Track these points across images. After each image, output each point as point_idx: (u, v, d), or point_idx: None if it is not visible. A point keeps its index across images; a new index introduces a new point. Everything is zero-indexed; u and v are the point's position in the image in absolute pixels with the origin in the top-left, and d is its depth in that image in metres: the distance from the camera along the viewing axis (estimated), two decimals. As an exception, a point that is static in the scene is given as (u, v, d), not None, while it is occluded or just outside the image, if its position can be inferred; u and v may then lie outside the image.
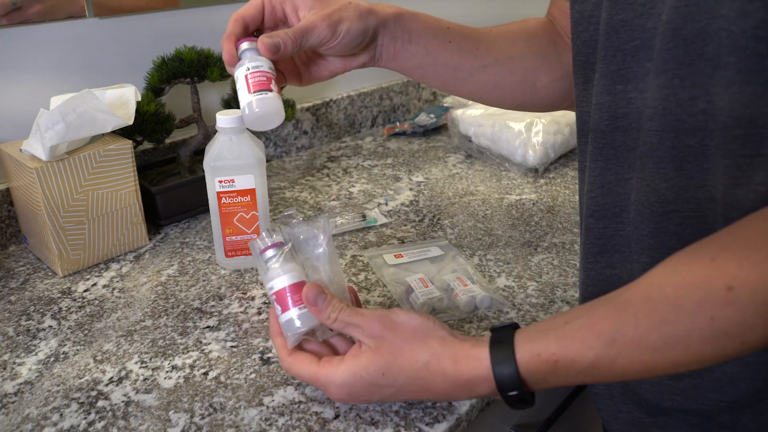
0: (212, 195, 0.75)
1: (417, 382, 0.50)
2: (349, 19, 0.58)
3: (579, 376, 0.46)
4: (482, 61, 0.67)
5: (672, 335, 0.41)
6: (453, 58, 0.66)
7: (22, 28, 0.83)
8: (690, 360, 0.42)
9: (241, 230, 0.77)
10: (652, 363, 0.43)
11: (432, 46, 0.64)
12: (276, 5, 0.59)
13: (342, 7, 0.58)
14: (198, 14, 1.00)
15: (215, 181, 0.74)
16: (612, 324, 0.44)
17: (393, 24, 0.62)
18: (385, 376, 0.51)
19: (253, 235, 0.77)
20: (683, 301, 0.41)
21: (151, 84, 0.89)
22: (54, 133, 0.72)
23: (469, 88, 0.69)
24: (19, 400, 0.58)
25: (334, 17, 0.57)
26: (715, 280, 0.40)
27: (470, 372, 0.49)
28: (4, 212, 0.84)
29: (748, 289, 0.39)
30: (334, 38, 0.58)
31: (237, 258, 0.78)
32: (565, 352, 0.45)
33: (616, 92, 0.51)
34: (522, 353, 0.47)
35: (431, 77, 0.67)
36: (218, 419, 0.55)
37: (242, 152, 0.73)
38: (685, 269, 0.42)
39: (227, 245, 0.77)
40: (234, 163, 0.73)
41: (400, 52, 0.64)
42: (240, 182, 0.74)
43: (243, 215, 0.76)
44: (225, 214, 0.76)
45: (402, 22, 0.63)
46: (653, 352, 0.42)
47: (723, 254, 0.41)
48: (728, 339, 0.40)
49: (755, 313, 0.39)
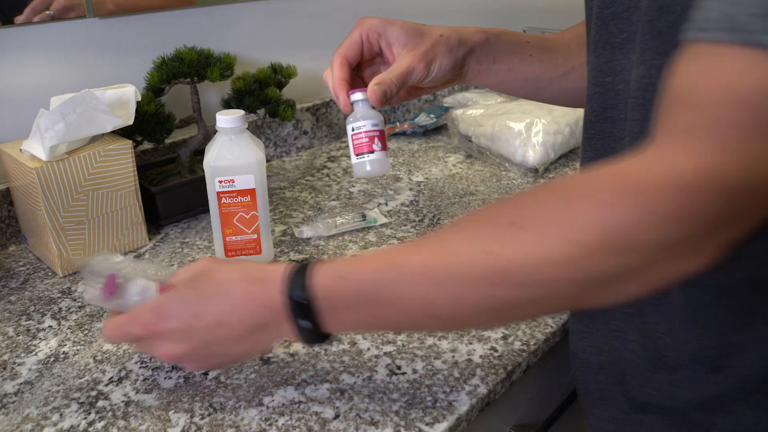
0: (212, 195, 0.75)
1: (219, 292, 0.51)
2: (442, 55, 0.62)
3: (367, 305, 0.45)
4: (561, 70, 0.69)
5: (454, 266, 0.42)
6: (534, 71, 0.68)
7: (22, 28, 0.83)
8: (468, 296, 0.42)
9: (241, 230, 0.77)
10: (432, 295, 0.43)
11: (514, 63, 0.67)
12: (372, 41, 0.62)
13: (434, 44, 0.61)
14: (198, 14, 1.00)
15: (215, 181, 0.74)
16: (402, 251, 0.45)
17: (480, 50, 0.65)
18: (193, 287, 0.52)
19: (254, 235, 0.77)
20: (468, 233, 0.43)
21: (151, 84, 0.89)
22: (54, 133, 0.72)
23: (551, 96, 0.72)
24: (19, 400, 0.58)
25: (428, 57, 0.61)
26: (501, 217, 0.42)
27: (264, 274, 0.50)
28: (4, 212, 0.84)
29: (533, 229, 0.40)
30: (428, 75, 0.61)
31: (237, 258, 0.78)
32: (352, 269, 0.46)
33: (605, 84, 0.52)
34: (314, 268, 0.48)
35: (512, 89, 0.70)
36: (218, 419, 0.55)
37: (242, 152, 0.73)
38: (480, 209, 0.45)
39: (227, 245, 0.77)
40: (234, 163, 0.73)
41: (484, 72, 0.67)
42: (240, 182, 0.74)
43: (243, 215, 0.76)
44: (225, 214, 0.76)
45: (488, 46, 0.65)
46: (435, 284, 0.43)
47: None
48: (507, 279, 0.41)
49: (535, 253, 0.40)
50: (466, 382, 0.60)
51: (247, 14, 1.06)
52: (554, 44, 0.70)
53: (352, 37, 0.62)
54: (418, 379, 0.60)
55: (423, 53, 0.60)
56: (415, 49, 0.61)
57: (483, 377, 0.60)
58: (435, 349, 0.64)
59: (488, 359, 0.62)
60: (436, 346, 0.64)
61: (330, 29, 1.19)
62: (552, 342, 0.67)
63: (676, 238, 0.38)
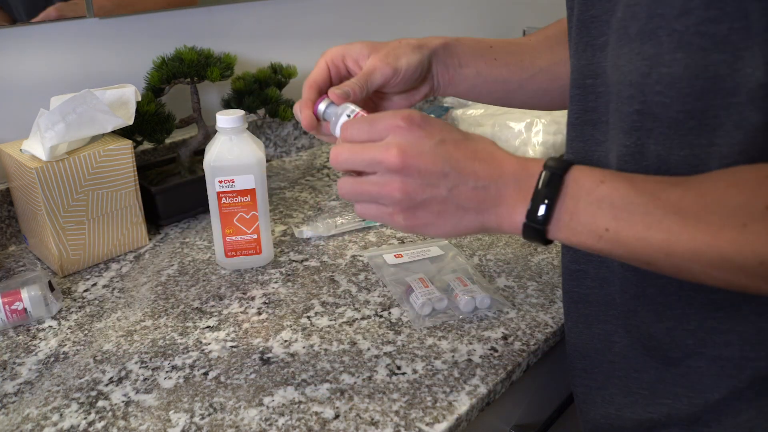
0: (212, 195, 0.75)
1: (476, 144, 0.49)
2: (405, 54, 0.61)
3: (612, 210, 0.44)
4: (529, 72, 0.69)
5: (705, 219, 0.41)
6: (501, 74, 0.68)
7: (22, 28, 0.83)
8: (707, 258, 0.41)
9: (241, 230, 0.77)
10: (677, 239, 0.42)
11: (481, 67, 0.67)
12: (338, 63, 0.63)
13: (395, 46, 0.62)
14: (198, 14, 1.00)
15: (215, 181, 0.74)
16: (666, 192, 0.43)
17: (442, 52, 0.65)
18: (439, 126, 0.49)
19: (254, 235, 0.77)
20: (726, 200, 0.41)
21: (151, 84, 0.89)
22: (54, 133, 0.72)
23: (521, 99, 0.72)
24: (19, 400, 0.58)
25: (390, 56, 0.61)
26: (759, 196, 0.40)
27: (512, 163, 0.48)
28: (4, 212, 0.84)
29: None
30: (396, 75, 0.61)
31: (237, 258, 0.78)
32: (611, 179, 0.45)
33: (586, 86, 0.53)
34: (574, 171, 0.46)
35: (485, 95, 0.70)
36: (218, 419, 0.55)
37: (242, 152, 0.73)
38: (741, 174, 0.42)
39: (227, 245, 0.77)
40: (234, 163, 0.73)
41: (454, 77, 0.66)
42: (240, 182, 0.74)
43: (243, 215, 0.76)
44: (225, 214, 0.76)
45: (449, 49, 0.66)
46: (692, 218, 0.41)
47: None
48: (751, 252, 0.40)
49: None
50: (466, 382, 0.60)
51: (247, 14, 1.06)
52: (518, 47, 0.71)
53: (318, 65, 0.63)
54: (418, 379, 0.60)
55: (384, 54, 0.61)
56: (378, 54, 0.61)
57: (483, 377, 0.60)
58: (435, 349, 0.64)
59: (488, 359, 0.62)
60: (436, 346, 0.64)
61: (330, 29, 1.19)
62: (552, 342, 0.67)
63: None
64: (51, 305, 0.70)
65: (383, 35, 1.29)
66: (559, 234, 0.46)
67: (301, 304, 0.72)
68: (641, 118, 0.47)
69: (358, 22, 1.23)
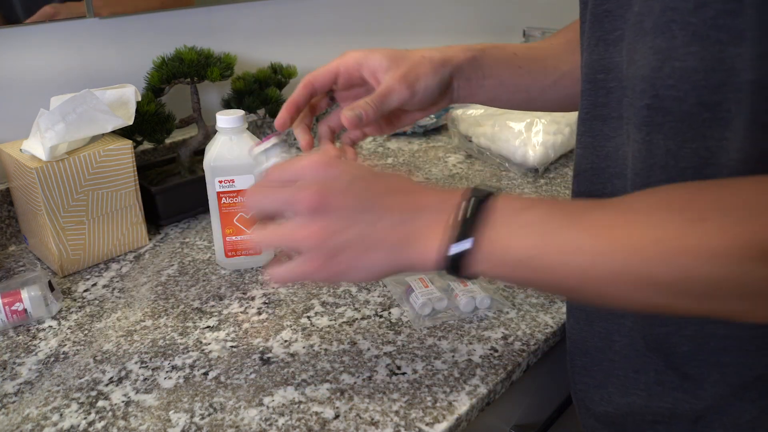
0: (212, 195, 0.75)
1: (394, 180, 0.48)
2: (425, 75, 0.59)
3: (538, 246, 0.42)
4: (552, 77, 0.68)
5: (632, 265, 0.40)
6: (525, 82, 0.67)
7: (22, 28, 0.83)
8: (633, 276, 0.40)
9: (241, 230, 0.77)
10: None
11: (505, 77, 0.66)
12: (352, 71, 0.61)
13: (416, 64, 0.59)
14: (198, 14, 1.00)
15: (215, 181, 0.74)
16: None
17: (467, 67, 0.63)
18: (359, 172, 0.48)
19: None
20: (643, 205, 0.42)
21: (151, 84, 0.89)
22: (54, 133, 0.72)
23: (544, 104, 0.71)
24: (19, 400, 0.58)
25: (410, 77, 0.58)
26: (689, 211, 0.40)
27: (432, 195, 0.47)
28: (4, 212, 0.84)
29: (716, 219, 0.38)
30: (413, 97, 0.59)
31: (237, 258, 0.78)
32: (539, 206, 0.44)
33: (597, 81, 0.52)
34: (500, 198, 0.45)
35: (504, 103, 0.69)
36: (218, 419, 0.55)
37: (242, 152, 0.73)
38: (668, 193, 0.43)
39: (227, 245, 0.77)
40: (234, 163, 0.73)
41: (476, 89, 0.65)
42: (240, 182, 0.74)
43: (243, 215, 0.76)
44: (225, 214, 0.76)
45: (475, 62, 0.64)
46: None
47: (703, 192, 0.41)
48: (667, 266, 0.38)
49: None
50: (466, 382, 0.60)
51: (247, 14, 1.06)
52: (542, 52, 0.70)
53: (328, 66, 0.61)
54: (418, 379, 0.60)
55: (403, 74, 0.58)
56: (398, 71, 0.59)
57: (483, 377, 0.60)
58: (435, 349, 0.64)
59: (488, 359, 0.62)
60: (436, 346, 0.64)
61: (330, 29, 1.19)
62: (552, 342, 0.67)
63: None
64: (51, 305, 0.70)
65: (383, 35, 1.29)
66: (482, 265, 0.43)
67: (301, 304, 0.72)
68: (651, 113, 0.46)
69: (358, 22, 1.23)
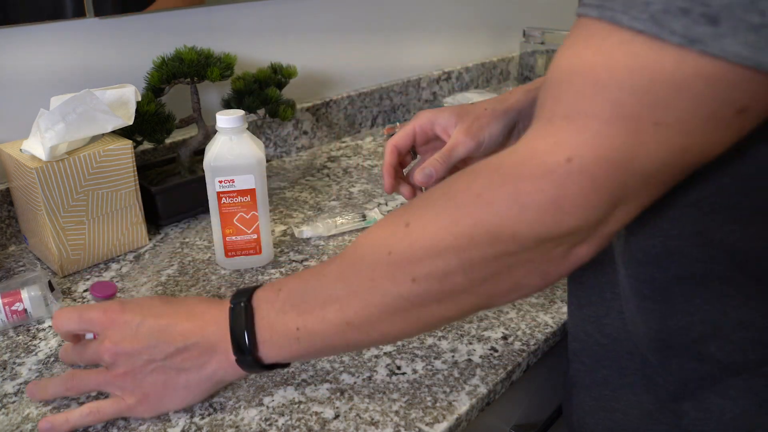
0: (212, 195, 0.75)
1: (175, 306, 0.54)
2: (489, 124, 0.64)
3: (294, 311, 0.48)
4: None
5: (360, 267, 0.46)
6: None
7: (22, 28, 0.83)
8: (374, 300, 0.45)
9: (241, 230, 0.77)
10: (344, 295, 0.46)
11: None
12: (427, 130, 0.68)
13: (479, 116, 0.65)
14: (198, 14, 1.00)
15: (215, 181, 0.74)
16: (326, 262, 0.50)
17: (528, 109, 0.66)
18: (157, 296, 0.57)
19: (254, 235, 0.77)
20: (371, 236, 0.47)
21: (151, 84, 0.89)
22: (54, 133, 0.72)
23: None
24: (19, 400, 0.58)
25: (473, 129, 0.64)
26: (398, 219, 0.45)
27: (212, 309, 0.53)
28: (4, 212, 0.84)
29: (419, 226, 0.43)
30: (479, 147, 0.64)
31: (237, 258, 0.78)
32: (285, 280, 0.51)
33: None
34: (259, 288, 0.52)
35: None
36: (218, 419, 0.55)
37: (242, 152, 0.73)
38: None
39: (227, 245, 0.77)
40: (234, 163, 0.73)
41: None
42: (240, 182, 0.74)
43: (243, 215, 0.76)
44: (225, 215, 0.75)
45: (536, 101, 0.66)
46: (345, 282, 0.47)
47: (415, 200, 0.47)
48: (403, 276, 0.44)
49: (422, 247, 0.43)
50: (466, 382, 0.60)
51: (247, 14, 1.06)
52: None
53: (406, 129, 0.68)
54: (418, 379, 0.60)
55: (467, 127, 0.64)
56: (463, 125, 0.64)
57: (483, 377, 0.60)
58: (435, 349, 0.64)
59: (488, 359, 0.62)
60: (436, 346, 0.64)
61: (330, 29, 1.20)
62: (552, 342, 0.67)
63: (551, 228, 0.40)
64: (51, 305, 0.70)
65: (383, 35, 1.29)
66: (270, 352, 0.50)
67: (301, 304, 0.72)
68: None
69: (358, 22, 1.24)
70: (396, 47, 1.33)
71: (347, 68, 1.25)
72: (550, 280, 0.44)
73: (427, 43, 1.39)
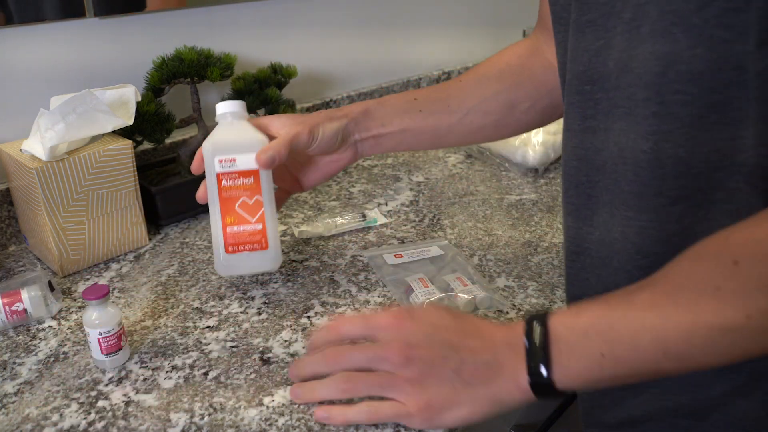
0: (211, 180, 0.67)
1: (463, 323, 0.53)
2: (323, 122, 0.68)
3: (598, 336, 0.46)
4: (457, 115, 0.73)
5: (681, 301, 0.43)
6: (428, 124, 0.72)
7: (22, 28, 0.83)
8: (698, 332, 0.42)
9: (243, 219, 0.67)
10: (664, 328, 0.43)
11: (405, 123, 0.72)
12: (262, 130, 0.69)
13: (314, 116, 0.69)
14: (198, 14, 1.00)
15: (215, 161, 0.66)
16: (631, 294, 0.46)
17: (363, 119, 0.70)
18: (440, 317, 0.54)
19: (258, 225, 0.68)
20: (692, 271, 0.44)
21: (151, 84, 0.89)
22: (54, 133, 0.72)
23: (454, 140, 0.75)
24: (19, 400, 0.58)
25: (310, 123, 0.67)
26: (723, 256, 0.42)
27: (499, 330, 0.52)
28: (4, 212, 0.84)
29: (750, 262, 0.40)
30: (314, 141, 0.67)
31: (240, 254, 0.68)
32: (584, 305, 0.48)
33: (584, 93, 0.52)
34: (553, 313, 0.50)
35: (414, 145, 0.74)
36: (218, 419, 0.55)
37: (244, 133, 0.68)
38: (701, 247, 0.45)
39: (228, 238, 0.67)
40: (235, 141, 0.67)
41: (378, 138, 0.72)
42: (242, 162, 0.67)
43: (246, 200, 0.67)
44: (226, 200, 0.67)
45: (370, 114, 0.71)
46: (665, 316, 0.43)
47: (734, 234, 0.43)
48: (735, 312, 0.41)
49: (757, 285, 0.40)
50: (466, 382, 0.59)
51: (247, 14, 1.06)
52: (446, 91, 0.74)
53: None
54: (418, 379, 0.60)
55: (303, 121, 0.67)
56: (303, 122, 0.67)
57: (483, 377, 0.60)
58: (435, 349, 0.64)
59: (488, 359, 0.62)
60: (436, 346, 0.64)
61: (330, 29, 1.20)
62: (552, 342, 0.67)
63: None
64: (51, 305, 0.70)
65: (383, 34, 1.29)
66: (566, 377, 0.47)
67: (301, 304, 0.72)
68: (658, 121, 0.46)
69: (358, 22, 1.23)
70: (396, 47, 1.33)
71: (347, 68, 1.25)
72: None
73: (427, 43, 1.39)
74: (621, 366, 0.45)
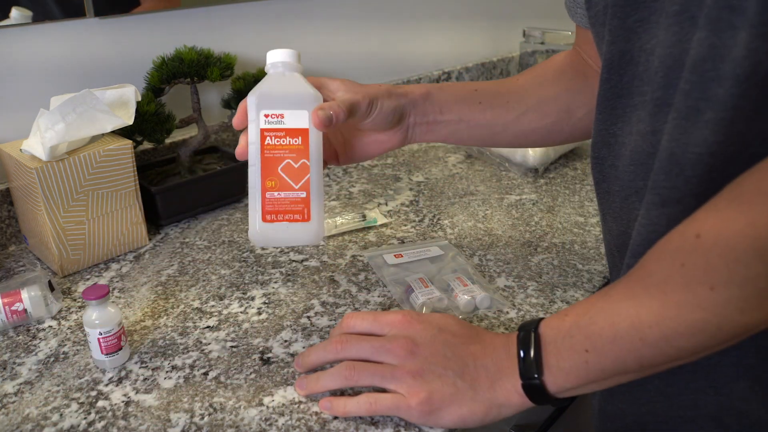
0: (254, 136, 0.59)
1: (467, 330, 0.56)
2: (382, 97, 0.64)
3: (581, 334, 0.48)
4: (515, 113, 0.71)
5: (650, 284, 0.44)
6: (486, 117, 0.70)
7: (22, 28, 0.83)
8: (668, 313, 0.43)
9: (286, 184, 0.59)
10: (637, 318, 0.45)
11: (464, 112, 0.69)
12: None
13: (375, 87, 0.65)
14: (198, 14, 1.00)
15: (260, 116, 0.58)
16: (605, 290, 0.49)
17: (422, 102, 0.67)
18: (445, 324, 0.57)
19: (302, 193, 0.60)
20: (661, 254, 0.45)
21: (151, 84, 0.89)
22: (54, 133, 0.72)
23: (507, 139, 0.73)
24: (19, 400, 0.58)
25: (370, 95, 0.63)
26: (687, 231, 0.43)
27: (499, 337, 0.55)
28: (4, 212, 0.84)
29: (710, 232, 0.41)
30: (371, 114, 0.63)
31: (278, 224, 0.59)
32: (570, 308, 0.50)
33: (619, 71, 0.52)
34: (544, 320, 0.52)
35: (467, 139, 0.72)
36: (218, 419, 0.55)
37: (296, 86, 0.60)
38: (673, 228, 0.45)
39: (266, 204, 0.59)
40: (286, 93, 0.59)
41: (433, 124, 0.69)
42: (291, 119, 0.59)
43: (291, 163, 0.59)
44: (268, 160, 0.58)
45: (431, 98, 0.68)
46: (636, 301, 0.45)
47: (699, 211, 0.44)
48: (699, 285, 0.42)
49: (719, 255, 0.41)
50: (466, 382, 0.59)
51: (247, 14, 1.06)
52: (506, 87, 0.72)
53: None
54: (418, 379, 0.60)
55: (364, 92, 0.63)
56: (362, 90, 0.63)
57: (483, 377, 0.60)
58: (435, 349, 0.64)
59: (488, 359, 0.62)
60: (436, 346, 0.64)
61: (330, 29, 1.20)
62: (552, 342, 0.67)
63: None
64: (51, 305, 0.70)
65: (383, 34, 1.29)
66: (558, 379, 0.49)
67: (301, 304, 0.72)
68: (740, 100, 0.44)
69: (358, 22, 1.24)
70: (396, 47, 1.33)
71: (347, 68, 1.25)
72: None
73: (427, 42, 1.39)
74: (605, 359, 0.46)
